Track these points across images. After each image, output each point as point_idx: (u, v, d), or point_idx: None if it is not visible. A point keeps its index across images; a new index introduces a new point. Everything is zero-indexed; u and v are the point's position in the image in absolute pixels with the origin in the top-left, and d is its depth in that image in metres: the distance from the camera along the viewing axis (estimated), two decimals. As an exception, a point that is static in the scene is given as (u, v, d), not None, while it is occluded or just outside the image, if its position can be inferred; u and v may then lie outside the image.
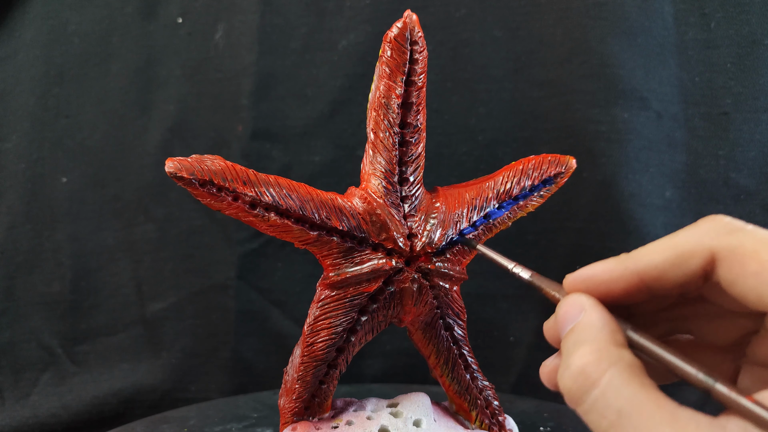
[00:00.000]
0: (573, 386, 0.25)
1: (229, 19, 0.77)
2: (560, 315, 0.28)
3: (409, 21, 0.43)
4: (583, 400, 0.25)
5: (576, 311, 0.28)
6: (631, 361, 0.25)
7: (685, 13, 0.70)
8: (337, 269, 0.43)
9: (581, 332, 0.27)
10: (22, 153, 0.78)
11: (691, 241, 0.27)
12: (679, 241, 0.27)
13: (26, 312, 0.79)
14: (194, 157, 0.39)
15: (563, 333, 0.28)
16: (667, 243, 0.27)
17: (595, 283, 0.28)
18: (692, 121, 0.71)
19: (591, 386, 0.24)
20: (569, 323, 0.27)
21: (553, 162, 0.47)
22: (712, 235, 0.26)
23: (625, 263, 0.28)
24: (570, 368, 0.25)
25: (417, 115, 0.44)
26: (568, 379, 0.25)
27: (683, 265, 0.27)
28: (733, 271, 0.25)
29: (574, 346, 0.26)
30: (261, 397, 0.66)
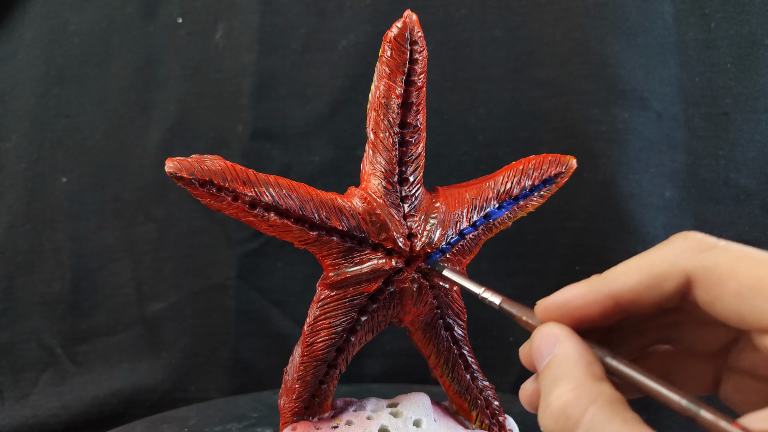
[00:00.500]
0: (555, 426, 0.25)
1: (229, 19, 0.77)
2: (534, 347, 0.28)
3: (409, 21, 0.43)
4: None
5: (551, 343, 0.27)
6: (612, 396, 0.24)
7: (685, 13, 0.70)
8: (337, 269, 0.43)
9: (558, 367, 0.26)
10: (22, 153, 0.78)
11: (665, 262, 0.26)
12: (652, 261, 0.26)
13: (26, 312, 0.79)
14: (194, 157, 0.39)
15: (539, 366, 0.27)
16: (640, 263, 0.27)
17: (569, 309, 0.28)
18: (692, 122, 0.71)
19: (573, 426, 0.24)
20: (545, 356, 0.27)
21: (554, 162, 0.47)
22: (686, 256, 0.26)
23: (598, 287, 0.27)
24: (550, 407, 0.25)
25: (417, 115, 0.44)
26: (549, 420, 0.25)
27: (658, 287, 0.26)
28: (710, 293, 0.25)
29: (552, 383, 0.25)
30: (261, 397, 0.66)
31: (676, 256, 0.26)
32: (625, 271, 0.27)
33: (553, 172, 0.47)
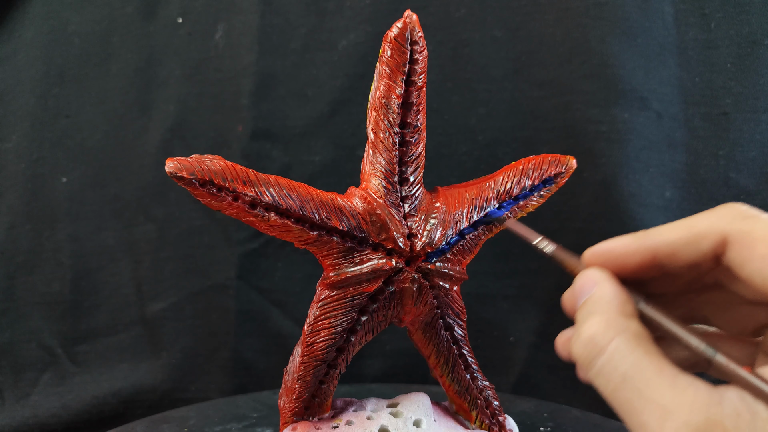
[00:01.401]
0: (583, 353, 0.27)
1: (229, 19, 0.77)
2: (576, 288, 0.30)
3: (409, 21, 0.43)
4: (592, 365, 0.26)
5: (590, 284, 0.29)
6: (638, 330, 0.27)
7: (685, 13, 0.70)
8: (337, 269, 0.43)
9: (593, 304, 0.28)
10: (22, 153, 0.78)
11: (705, 223, 0.28)
12: (694, 222, 0.28)
13: (26, 312, 0.79)
14: (194, 157, 0.39)
15: (578, 304, 0.29)
16: (683, 223, 0.29)
17: (611, 257, 0.30)
18: (692, 121, 0.71)
19: (599, 353, 0.26)
20: (583, 296, 0.29)
21: (554, 162, 0.47)
22: (726, 220, 0.27)
23: (641, 239, 0.29)
24: (581, 337, 0.27)
25: (417, 115, 0.44)
26: (578, 347, 0.27)
27: (696, 244, 0.28)
28: (742, 254, 0.27)
29: (586, 317, 0.28)
30: (261, 397, 0.66)
31: (718, 218, 0.28)
32: (669, 227, 0.29)
33: (553, 172, 0.47)
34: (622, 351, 0.26)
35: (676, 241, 0.29)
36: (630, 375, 0.25)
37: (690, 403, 0.24)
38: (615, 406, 0.26)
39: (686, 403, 0.24)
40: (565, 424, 0.58)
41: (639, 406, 0.24)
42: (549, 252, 0.34)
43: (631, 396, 0.25)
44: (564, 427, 0.57)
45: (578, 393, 0.74)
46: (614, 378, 0.25)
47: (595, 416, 0.62)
